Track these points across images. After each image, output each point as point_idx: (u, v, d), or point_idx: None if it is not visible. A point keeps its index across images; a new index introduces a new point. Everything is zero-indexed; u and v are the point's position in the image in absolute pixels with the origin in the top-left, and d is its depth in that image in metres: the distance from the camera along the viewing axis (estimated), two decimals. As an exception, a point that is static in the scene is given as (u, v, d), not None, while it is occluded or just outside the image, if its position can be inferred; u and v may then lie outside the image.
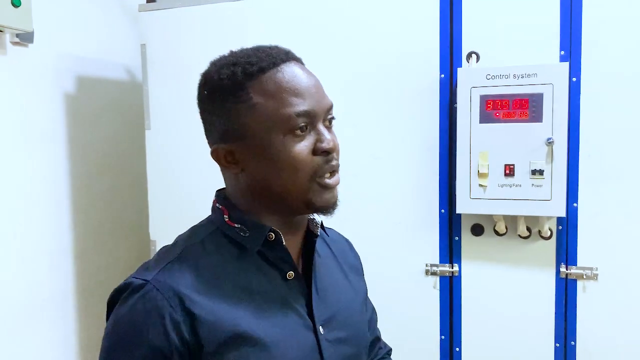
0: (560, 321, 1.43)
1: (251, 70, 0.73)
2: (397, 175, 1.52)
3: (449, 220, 1.49)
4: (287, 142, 0.72)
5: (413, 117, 1.49)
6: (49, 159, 1.70)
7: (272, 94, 0.72)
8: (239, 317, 0.71)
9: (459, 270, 1.49)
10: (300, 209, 0.76)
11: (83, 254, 1.81)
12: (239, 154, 0.74)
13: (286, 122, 0.71)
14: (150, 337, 0.67)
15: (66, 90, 1.77)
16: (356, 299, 0.91)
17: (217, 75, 0.74)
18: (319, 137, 0.74)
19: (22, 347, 1.57)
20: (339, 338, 0.81)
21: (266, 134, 0.72)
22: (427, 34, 1.46)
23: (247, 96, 0.72)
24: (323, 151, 0.74)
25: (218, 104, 0.74)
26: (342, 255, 0.94)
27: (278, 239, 0.76)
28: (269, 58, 0.74)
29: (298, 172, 0.72)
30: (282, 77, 0.73)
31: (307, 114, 0.72)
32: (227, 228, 0.77)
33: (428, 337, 1.52)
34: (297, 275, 0.78)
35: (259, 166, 0.74)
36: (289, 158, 0.72)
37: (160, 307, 0.68)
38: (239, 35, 1.61)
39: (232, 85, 0.73)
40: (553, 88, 1.32)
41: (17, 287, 1.57)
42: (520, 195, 1.36)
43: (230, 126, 0.74)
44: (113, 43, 1.96)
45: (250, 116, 0.72)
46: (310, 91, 0.74)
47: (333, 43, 1.55)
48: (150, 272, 0.72)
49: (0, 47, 1.52)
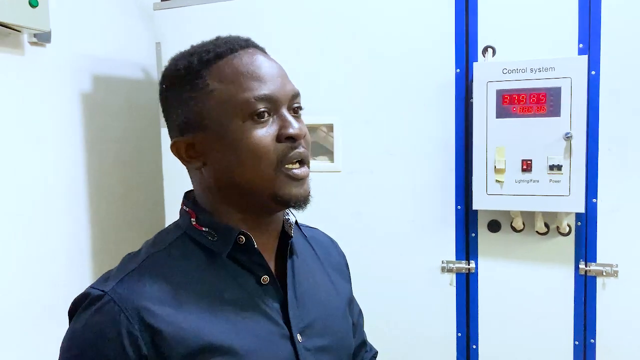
0: (579, 319, 1.41)
1: (207, 57, 0.70)
2: (412, 172, 1.51)
3: (465, 216, 1.48)
4: (248, 129, 0.68)
5: (428, 112, 1.48)
6: (66, 157, 1.72)
7: (229, 78, 0.69)
8: (207, 327, 0.67)
9: (476, 267, 1.48)
10: (267, 204, 0.71)
11: (100, 252, 1.83)
12: (199, 145, 0.71)
13: (245, 106, 0.68)
14: (107, 353, 0.64)
15: (82, 90, 1.78)
16: (339, 302, 0.86)
17: (174, 67, 0.73)
18: (283, 123, 0.69)
19: (43, 344, 1.59)
20: (320, 346, 0.76)
21: (225, 120, 0.68)
22: (442, 28, 1.45)
23: (204, 83, 0.69)
24: (287, 137, 0.69)
25: (176, 96, 0.72)
26: (326, 255, 0.90)
27: (249, 241, 0.71)
28: (226, 45, 0.71)
29: (261, 160, 0.68)
30: (239, 62, 0.70)
31: (268, 98, 0.69)
32: (194, 232, 0.73)
33: (444, 334, 1.51)
34: (272, 280, 0.74)
35: (221, 157, 0.70)
36: (250, 145, 0.68)
37: (117, 321, 0.64)
38: (253, 32, 1.60)
39: (188, 74, 0.70)
40: (571, 82, 1.30)
41: (36, 286, 1.59)
42: (537, 191, 1.34)
43: (189, 117, 0.70)
44: (128, 42, 1.98)
45: (208, 103, 0.69)
46: (271, 76, 0.70)
47: (347, 38, 1.54)
48: (109, 282, 0.68)
49: (18, 47, 1.54)
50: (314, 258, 0.86)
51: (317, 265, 0.86)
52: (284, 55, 1.74)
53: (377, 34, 1.52)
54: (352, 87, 1.55)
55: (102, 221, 1.85)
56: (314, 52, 1.57)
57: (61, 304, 1.67)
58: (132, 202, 2.00)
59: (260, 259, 0.73)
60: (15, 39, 1.53)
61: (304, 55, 1.57)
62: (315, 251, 0.88)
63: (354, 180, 1.56)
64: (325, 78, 1.56)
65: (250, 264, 0.73)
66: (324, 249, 0.91)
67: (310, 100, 1.62)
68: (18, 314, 1.52)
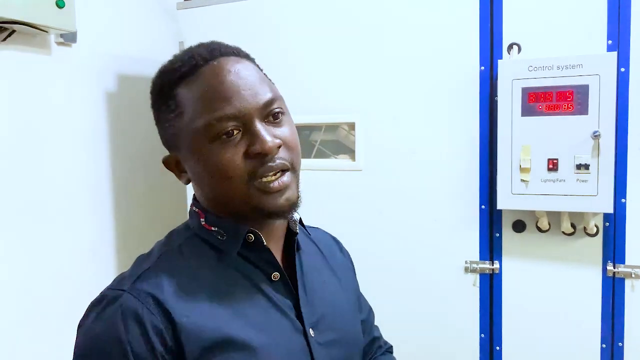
0: (607, 321, 1.38)
1: (174, 77, 0.71)
2: (436, 171, 1.49)
3: (490, 216, 1.46)
4: (215, 149, 0.67)
5: (452, 111, 1.46)
6: (91, 156, 1.74)
7: (195, 99, 0.68)
8: (223, 321, 0.67)
9: (500, 267, 1.46)
10: (253, 216, 0.71)
11: (124, 249, 1.86)
12: (181, 161, 0.73)
13: (209, 128, 0.67)
14: (133, 348, 0.63)
15: (107, 89, 1.81)
16: (346, 298, 0.87)
17: (152, 86, 0.75)
18: (252, 139, 0.67)
19: (67, 339, 1.62)
20: (330, 340, 0.77)
21: (194, 142, 0.68)
22: (466, 24, 1.43)
23: (174, 104, 0.71)
24: (256, 153, 0.67)
25: (156, 115, 0.75)
26: (330, 254, 0.91)
27: (258, 239, 0.72)
28: (191, 61, 0.70)
29: (231, 179, 0.67)
30: (203, 80, 0.69)
31: (233, 117, 0.67)
32: (204, 232, 0.74)
33: (467, 335, 1.50)
34: (282, 276, 0.75)
35: (197, 173, 0.71)
36: (219, 165, 0.67)
37: (140, 314, 0.64)
38: (276, 31, 1.62)
39: (160, 95, 0.73)
40: (599, 79, 1.27)
41: (62, 283, 1.62)
42: (564, 190, 1.32)
43: (168, 136, 0.73)
44: (152, 41, 2.00)
45: (179, 125, 0.70)
46: (236, 90, 0.68)
47: (371, 36, 1.53)
48: (126, 282, 0.68)
49: (45, 47, 1.57)
50: (319, 256, 0.87)
51: (323, 263, 0.87)
52: (305, 54, 1.75)
53: (399, 32, 1.50)
54: (374, 85, 1.54)
55: (126, 219, 1.87)
56: (335, 50, 1.56)
57: (86, 301, 1.70)
58: (156, 201, 2.02)
59: (270, 256, 0.74)
60: (43, 39, 1.55)
61: (325, 53, 1.56)
62: (320, 249, 0.89)
63: (375, 179, 1.56)
64: (347, 76, 1.56)
65: (260, 262, 0.74)
66: (328, 247, 0.92)
67: (332, 99, 1.63)
68: (43, 310, 1.55)
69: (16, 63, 1.48)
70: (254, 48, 0.79)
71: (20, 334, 1.48)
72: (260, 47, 0.79)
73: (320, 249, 0.89)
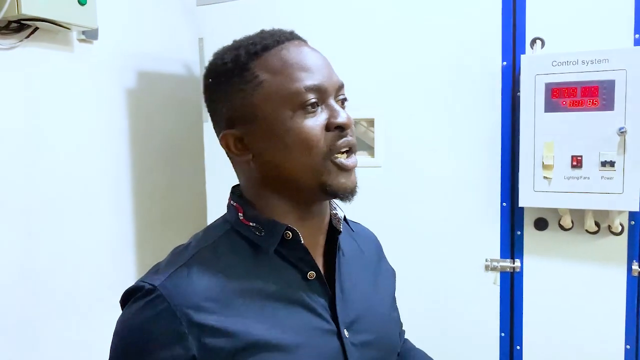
0: (631, 322, 1.35)
1: (255, 50, 0.70)
2: (456, 168, 1.48)
3: (511, 213, 1.43)
4: (298, 119, 0.68)
5: (474, 106, 1.44)
6: (111, 152, 1.76)
7: (278, 70, 0.69)
8: (255, 323, 0.67)
9: (521, 266, 1.43)
10: (315, 194, 0.71)
11: (143, 245, 1.87)
12: (248, 138, 0.71)
13: (295, 97, 0.68)
14: (156, 350, 0.64)
15: (127, 86, 1.83)
16: (383, 298, 0.86)
17: (220, 60, 0.73)
18: (332, 112, 0.70)
19: (89, 330, 1.65)
20: (365, 341, 0.76)
21: (275, 111, 0.69)
22: (488, 19, 1.41)
23: (252, 75, 0.70)
24: (337, 126, 0.70)
25: (223, 89, 0.72)
26: (370, 252, 0.90)
27: (296, 237, 0.71)
28: (272, 37, 0.72)
29: (311, 149, 0.68)
30: (287, 53, 0.70)
31: (317, 88, 0.69)
32: (241, 227, 0.73)
33: (487, 334, 1.48)
34: (318, 275, 0.73)
35: (270, 148, 0.70)
36: (301, 134, 0.68)
37: (165, 318, 0.64)
38: (294, 27, 1.61)
39: (236, 67, 0.71)
40: (626, 74, 1.24)
41: (83, 277, 1.64)
42: (588, 188, 1.29)
43: (238, 109, 0.71)
44: (172, 38, 2.01)
45: (257, 95, 0.69)
46: (319, 67, 0.71)
47: (391, 31, 1.52)
48: (159, 276, 0.68)
49: (67, 44, 1.59)
50: (358, 253, 0.85)
51: (362, 261, 0.85)
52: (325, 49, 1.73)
53: (420, 26, 1.48)
54: (394, 81, 1.52)
55: (145, 215, 1.89)
56: (355, 46, 1.55)
57: (106, 294, 1.72)
58: (175, 196, 2.03)
59: (306, 255, 0.73)
60: (65, 36, 1.57)
61: (345, 49, 1.55)
62: (360, 246, 0.87)
63: (394, 176, 1.54)
64: (366, 72, 1.54)
65: (296, 260, 0.73)
66: (368, 244, 0.90)
67: (351, 95, 1.61)
68: (65, 304, 1.58)
69: (39, 60, 1.50)
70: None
71: (40, 329, 1.50)
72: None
73: (360, 246, 0.87)
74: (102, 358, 1.85)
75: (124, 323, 0.69)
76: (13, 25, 1.39)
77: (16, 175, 1.44)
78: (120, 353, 0.69)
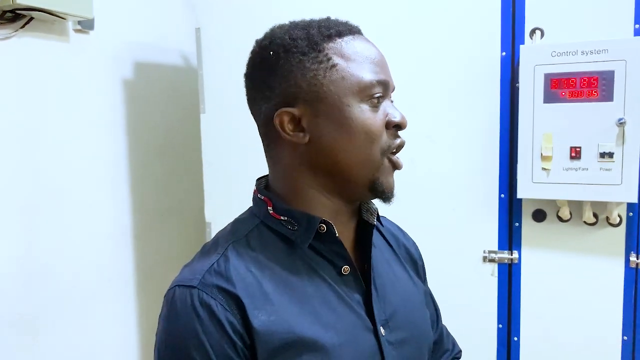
0: (629, 313, 1.35)
1: (328, 33, 0.69)
2: (454, 159, 1.47)
3: (509, 205, 1.43)
4: (364, 109, 0.68)
5: (472, 97, 1.43)
6: (108, 143, 1.75)
7: (351, 57, 0.68)
8: (295, 320, 0.65)
9: (519, 257, 1.43)
10: (360, 190, 0.70)
11: (141, 236, 1.87)
12: (307, 118, 0.68)
13: (367, 88, 0.68)
14: (212, 346, 0.62)
15: (124, 76, 1.81)
16: (417, 294, 0.83)
17: (288, 36, 0.69)
18: (390, 110, 0.71)
19: (89, 323, 1.65)
20: (401, 339, 0.73)
21: (344, 97, 0.67)
22: (487, 9, 1.40)
23: (325, 56, 0.68)
24: (394, 125, 0.70)
25: (287, 65, 0.68)
26: (398, 245, 0.87)
27: (330, 230, 0.69)
28: (343, 25, 0.71)
29: (373, 142, 0.68)
30: (360, 44, 0.70)
31: (384, 84, 0.70)
32: (272, 221, 0.71)
33: (485, 325, 1.48)
34: (352, 270, 0.71)
35: (331, 133, 0.67)
36: (366, 126, 0.67)
37: (215, 311, 0.63)
38: (295, 18, 1.59)
39: (307, 45, 0.68)
40: (626, 64, 1.23)
41: (83, 268, 1.64)
42: (587, 179, 1.29)
43: (303, 88, 0.67)
44: (169, 29, 2.00)
45: (329, 77, 0.67)
46: (384, 64, 0.72)
47: (390, 21, 1.50)
48: (194, 277, 0.66)
49: (63, 35, 1.58)
50: (387, 247, 0.84)
51: (392, 255, 0.84)
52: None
53: (419, 17, 1.47)
54: (393, 71, 1.51)
55: (143, 206, 1.89)
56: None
57: (105, 288, 1.73)
58: (173, 188, 2.03)
59: (341, 249, 0.71)
60: (61, 26, 1.56)
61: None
62: (388, 240, 0.85)
63: (393, 167, 1.53)
64: (364, 63, 1.53)
65: (331, 254, 0.71)
66: (394, 237, 0.88)
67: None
68: (64, 298, 1.58)
69: (34, 50, 1.48)
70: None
71: (40, 323, 1.50)
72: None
73: (388, 241, 0.85)
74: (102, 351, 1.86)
75: (168, 333, 0.66)
76: (8, 15, 1.37)
77: (12, 168, 1.43)
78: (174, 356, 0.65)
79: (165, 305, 0.67)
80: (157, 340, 0.68)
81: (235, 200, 1.70)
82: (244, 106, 0.79)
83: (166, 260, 1.94)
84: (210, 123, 1.73)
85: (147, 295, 1.88)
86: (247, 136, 1.70)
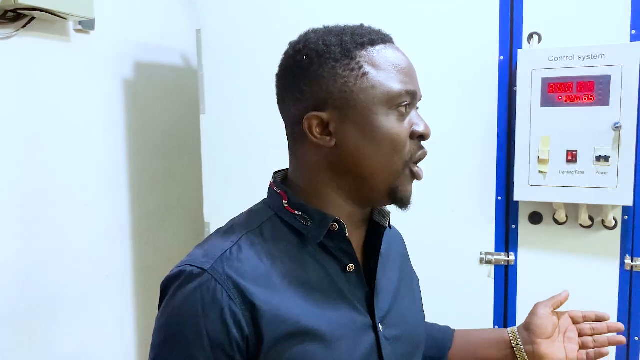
0: (623, 315, 1.36)
1: (362, 41, 0.70)
2: (452, 161, 1.48)
3: (506, 207, 1.44)
4: (391, 119, 0.69)
5: (470, 100, 1.45)
6: (108, 142, 1.76)
7: (382, 66, 0.70)
8: (301, 311, 0.67)
9: (515, 259, 1.45)
10: (379, 196, 0.73)
11: (140, 234, 1.88)
12: (335, 123, 0.70)
13: (395, 97, 0.69)
14: (209, 331, 0.64)
15: (124, 76, 1.82)
16: (413, 293, 0.87)
17: (322, 41, 0.71)
18: (416, 120, 0.72)
19: (86, 321, 1.65)
20: (395, 336, 0.77)
21: (372, 105, 0.69)
22: (486, 13, 1.41)
23: (357, 65, 0.69)
24: (419, 135, 0.72)
25: (319, 70, 0.70)
26: (397, 244, 0.91)
27: (342, 229, 0.72)
28: (376, 34, 0.73)
29: (397, 152, 0.70)
30: (392, 54, 0.72)
31: (413, 94, 0.71)
32: (286, 215, 0.73)
33: (481, 326, 1.48)
34: (357, 268, 0.74)
35: (358, 139, 0.69)
36: (392, 135, 0.69)
37: (220, 298, 0.64)
38: (296, 19, 1.60)
39: (340, 52, 0.70)
40: (622, 70, 1.24)
41: (81, 267, 1.65)
42: (583, 182, 1.30)
43: (334, 94, 0.69)
44: (169, 29, 2.01)
45: (360, 85, 0.69)
46: (413, 75, 0.73)
47: (388, 24, 1.51)
48: (207, 260, 0.68)
49: (64, 35, 1.59)
50: (388, 249, 0.86)
51: (391, 255, 0.86)
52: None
53: (417, 20, 1.48)
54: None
55: (142, 206, 1.89)
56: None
57: (102, 286, 1.73)
58: (172, 187, 2.04)
59: (349, 247, 0.73)
60: (62, 26, 1.57)
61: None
62: (389, 242, 0.87)
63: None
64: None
65: (338, 251, 0.73)
66: (394, 238, 0.91)
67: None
68: (61, 296, 1.58)
69: (35, 50, 1.49)
70: (271, 37, 0.79)
71: (37, 320, 1.51)
72: (280, 35, 0.78)
73: (389, 242, 0.88)
74: (99, 349, 1.86)
75: (172, 310, 0.67)
76: (9, 14, 1.38)
77: (12, 166, 1.44)
78: (171, 344, 0.66)
79: (175, 279, 0.68)
80: (158, 314, 0.70)
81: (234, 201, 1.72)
82: (244, 107, 0.80)
83: (164, 260, 1.95)
84: (210, 123, 1.74)
85: (144, 294, 1.89)
86: (246, 137, 1.72)
